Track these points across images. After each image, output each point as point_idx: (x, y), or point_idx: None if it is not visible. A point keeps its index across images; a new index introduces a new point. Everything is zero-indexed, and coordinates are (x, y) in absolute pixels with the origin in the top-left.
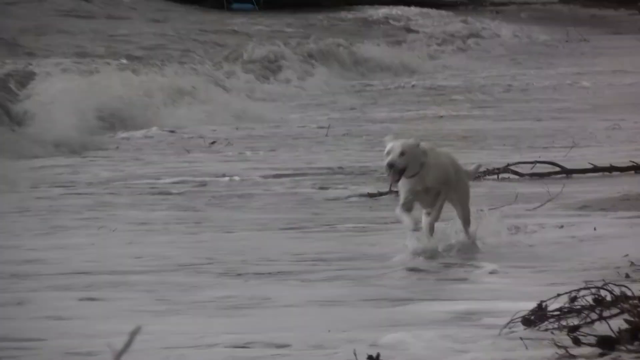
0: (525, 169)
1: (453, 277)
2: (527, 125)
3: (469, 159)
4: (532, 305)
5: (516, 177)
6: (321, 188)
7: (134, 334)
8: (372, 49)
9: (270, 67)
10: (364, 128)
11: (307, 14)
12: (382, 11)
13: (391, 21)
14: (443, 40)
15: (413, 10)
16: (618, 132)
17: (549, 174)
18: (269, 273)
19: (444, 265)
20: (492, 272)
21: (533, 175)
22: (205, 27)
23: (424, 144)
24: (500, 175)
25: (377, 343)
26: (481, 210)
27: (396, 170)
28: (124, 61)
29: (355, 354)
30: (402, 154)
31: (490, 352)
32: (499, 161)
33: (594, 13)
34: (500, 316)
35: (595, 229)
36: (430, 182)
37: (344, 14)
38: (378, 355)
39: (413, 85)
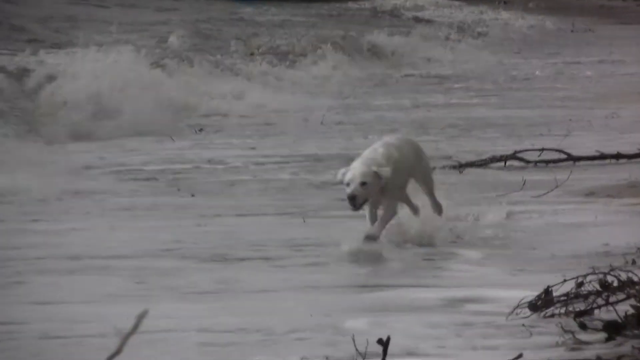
0: (522, 157)
1: (436, 266)
2: (525, 114)
3: (462, 147)
4: (518, 293)
5: (508, 164)
6: (308, 175)
7: (141, 317)
8: (385, 39)
9: (284, 57)
10: (360, 116)
11: (314, 4)
12: (392, 2)
13: (402, 11)
14: (455, 29)
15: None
16: (616, 121)
17: (555, 161)
18: (253, 258)
19: (425, 252)
20: (474, 260)
21: (539, 162)
22: (213, 15)
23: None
24: (499, 163)
25: (356, 328)
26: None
27: (358, 202)
28: (131, 47)
29: (353, 339)
30: (362, 183)
31: (473, 340)
32: (491, 149)
33: (602, 4)
34: (482, 302)
35: (596, 217)
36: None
37: (351, 4)
38: (388, 338)
39: (412, 75)
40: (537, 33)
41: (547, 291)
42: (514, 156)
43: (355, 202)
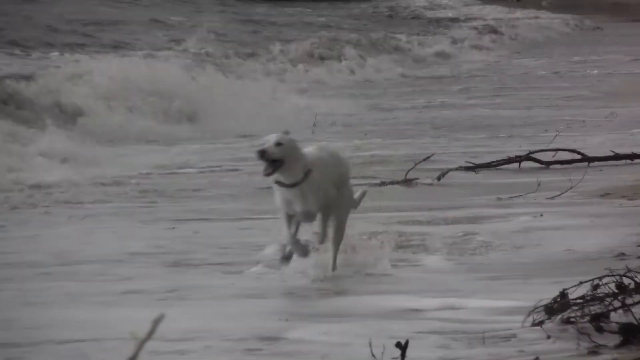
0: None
1: (400, 273)
2: (525, 114)
3: (447, 149)
4: (483, 302)
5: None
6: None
7: (157, 322)
8: (402, 40)
9: (302, 59)
10: (355, 117)
11: (330, 3)
12: (410, 1)
13: (422, 10)
14: (472, 30)
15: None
16: (615, 119)
17: (570, 162)
18: (215, 263)
19: (391, 259)
20: (443, 267)
21: (553, 164)
22: (228, 15)
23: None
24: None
25: (316, 336)
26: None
27: (266, 157)
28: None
29: (370, 345)
30: (278, 144)
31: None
32: (493, 150)
33: (617, 1)
34: (446, 310)
35: (591, 219)
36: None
37: (367, 4)
38: (407, 342)
39: (426, 77)
40: (547, 32)
41: (563, 294)
42: (528, 157)
43: (264, 157)
